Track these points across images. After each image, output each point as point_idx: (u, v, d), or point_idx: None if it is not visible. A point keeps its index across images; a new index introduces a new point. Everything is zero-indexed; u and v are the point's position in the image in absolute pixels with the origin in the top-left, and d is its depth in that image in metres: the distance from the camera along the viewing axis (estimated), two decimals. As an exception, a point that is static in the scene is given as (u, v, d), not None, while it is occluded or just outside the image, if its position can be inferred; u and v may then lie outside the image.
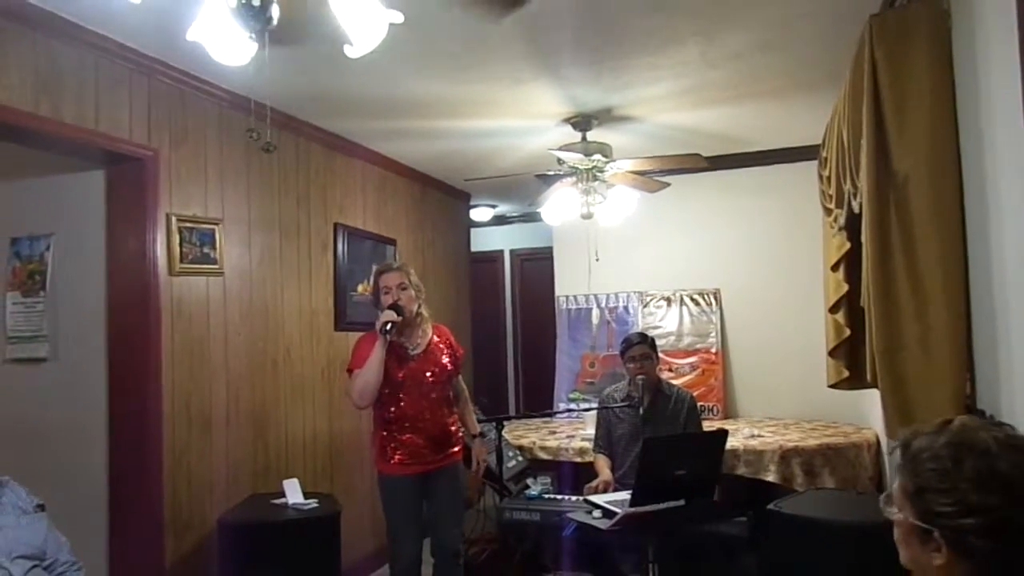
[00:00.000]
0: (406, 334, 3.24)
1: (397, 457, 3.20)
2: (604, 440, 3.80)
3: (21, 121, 2.69)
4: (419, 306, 3.28)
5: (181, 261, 3.33)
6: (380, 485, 3.28)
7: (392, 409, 3.20)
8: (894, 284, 2.25)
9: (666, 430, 3.62)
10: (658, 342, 4.03)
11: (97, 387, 3.21)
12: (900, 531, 1.14)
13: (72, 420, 3.25)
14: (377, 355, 3.07)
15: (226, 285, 3.61)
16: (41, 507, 2.23)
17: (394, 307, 3.13)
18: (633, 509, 2.66)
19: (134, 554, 3.14)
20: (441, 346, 3.35)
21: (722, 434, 3.06)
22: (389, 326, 3.05)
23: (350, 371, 3.22)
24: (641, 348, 3.69)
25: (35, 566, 2.11)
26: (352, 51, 1.68)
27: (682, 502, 2.71)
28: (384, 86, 3.60)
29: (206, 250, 3.47)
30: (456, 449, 3.36)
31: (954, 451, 1.06)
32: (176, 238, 3.31)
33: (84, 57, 2.92)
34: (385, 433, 3.23)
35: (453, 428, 3.35)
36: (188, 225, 3.38)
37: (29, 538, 2.12)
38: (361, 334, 3.40)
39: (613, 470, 3.69)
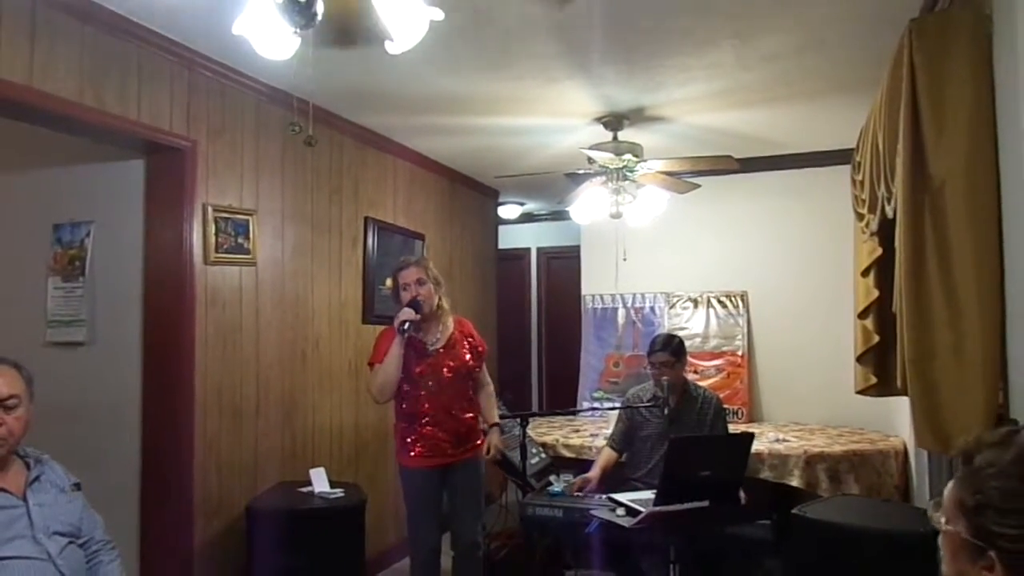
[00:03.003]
0: (425, 329, 3.26)
1: (417, 450, 3.23)
2: (620, 437, 3.77)
3: (66, 110, 2.76)
4: (439, 300, 3.29)
5: (216, 251, 3.39)
6: (401, 477, 3.33)
7: (412, 403, 3.23)
8: (927, 291, 2.22)
9: (692, 431, 3.61)
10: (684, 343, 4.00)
11: (132, 372, 3.29)
12: (949, 544, 1.09)
13: (107, 403, 3.32)
14: (395, 352, 3.10)
15: (259, 275, 3.68)
16: (77, 486, 2.28)
17: (413, 304, 3.14)
18: (657, 508, 2.67)
19: (165, 536, 3.21)
20: (462, 340, 3.37)
21: (748, 437, 3.05)
22: (407, 325, 3.07)
23: (371, 365, 3.26)
24: (663, 356, 3.60)
25: (70, 543, 2.15)
26: (393, 47, 1.71)
27: (706, 503, 2.71)
28: (417, 82, 3.64)
29: (240, 240, 3.53)
30: (477, 443, 3.39)
31: (1023, 469, 1.01)
32: (212, 228, 3.37)
33: (128, 49, 2.99)
34: (406, 426, 3.27)
35: (474, 422, 3.37)
36: (223, 215, 3.44)
37: (65, 516, 2.17)
38: (383, 327, 3.44)
39: (636, 469, 3.69)
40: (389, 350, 3.13)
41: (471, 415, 3.36)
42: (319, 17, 1.56)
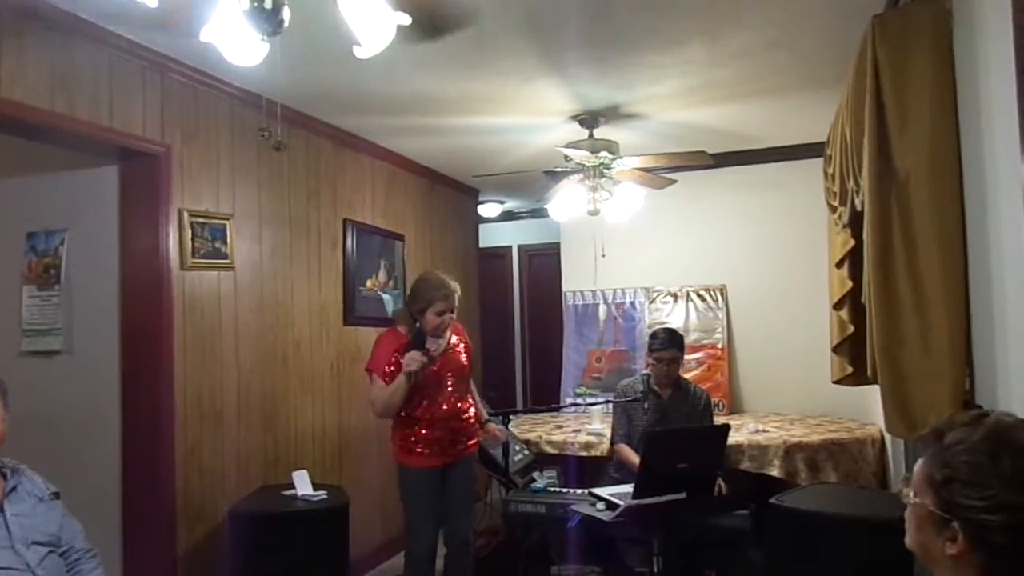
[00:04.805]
0: (430, 341, 3.31)
1: (419, 450, 3.28)
2: (625, 430, 3.83)
3: (37, 118, 2.75)
4: None
5: (193, 256, 3.38)
6: (401, 477, 3.35)
7: (415, 408, 3.27)
8: (894, 281, 2.27)
9: (684, 423, 3.69)
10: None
11: (110, 379, 3.27)
12: (915, 517, 1.14)
13: (86, 412, 3.31)
14: (401, 387, 3.14)
15: (237, 280, 3.67)
16: (56, 495, 2.27)
17: (418, 338, 3.14)
18: (635, 501, 2.70)
19: (147, 543, 3.21)
20: (459, 345, 3.42)
21: (724, 428, 3.09)
22: (417, 373, 3.11)
23: (369, 371, 3.28)
24: (673, 352, 3.75)
25: (50, 552, 2.15)
26: (361, 52, 1.72)
27: (683, 495, 2.74)
28: (393, 83, 3.64)
29: (217, 245, 3.53)
30: (473, 441, 3.44)
31: (991, 447, 1.05)
32: (188, 233, 3.36)
33: (99, 55, 2.97)
34: (408, 428, 3.30)
35: (471, 421, 3.42)
36: (200, 220, 3.43)
37: (45, 525, 2.16)
38: (382, 331, 3.50)
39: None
40: (397, 378, 3.15)
41: (470, 414, 3.41)
42: (286, 24, 1.57)
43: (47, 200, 3.44)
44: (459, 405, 3.35)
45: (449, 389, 3.30)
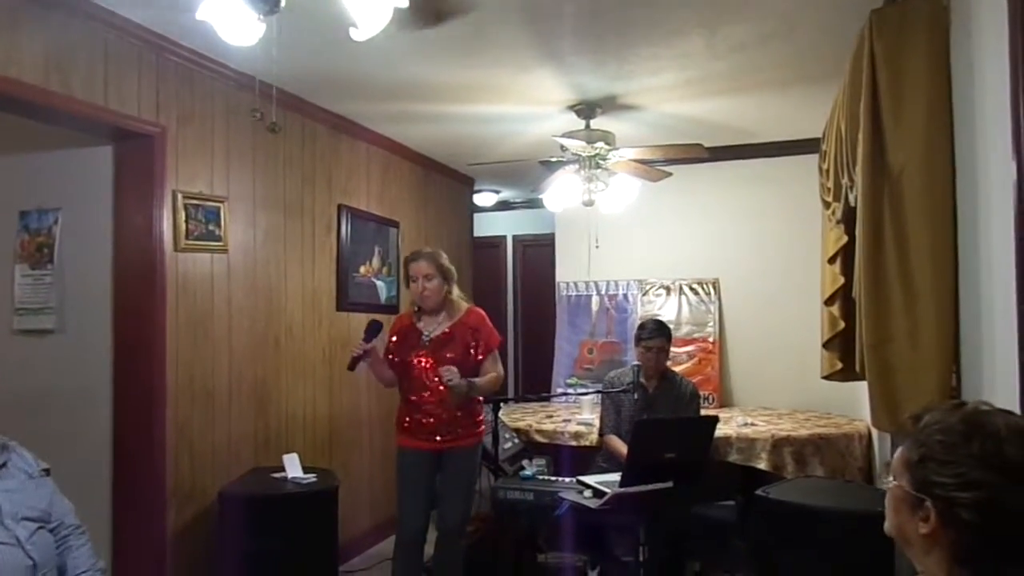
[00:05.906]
0: (424, 320, 3.32)
1: (410, 430, 3.32)
2: (613, 421, 3.85)
3: (32, 96, 2.73)
4: (447, 291, 3.36)
5: (186, 237, 3.37)
6: (396, 457, 3.41)
7: (406, 390, 3.34)
8: (885, 277, 2.29)
9: (670, 414, 3.71)
10: (669, 327, 4.09)
11: (102, 359, 3.27)
12: (892, 499, 1.17)
13: (77, 391, 3.31)
14: (371, 370, 3.34)
15: (230, 262, 3.66)
16: (47, 471, 2.27)
17: (371, 329, 3.25)
18: (622, 489, 2.72)
19: (137, 523, 3.22)
20: (464, 332, 3.36)
21: (712, 420, 3.11)
22: (357, 361, 3.24)
23: None
24: (660, 341, 3.81)
25: (40, 528, 2.16)
26: (357, 34, 1.72)
27: (670, 484, 2.76)
28: (390, 69, 3.63)
29: (211, 227, 3.52)
30: (478, 430, 3.43)
31: (966, 428, 1.09)
32: (182, 215, 3.35)
33: (94, 34, 2.95)
34: (401, 407, 3.38)
35: (466, 414, 3.34)
36: (194, 202, 3.42)
37: (34, 501, 2.17)
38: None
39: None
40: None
41: (462, 407, 3.33)
42: (283, 3, 1.56)
43: (41, 179, 3.43)
44: (451, 396, 3.27)
45: (433, 379, 3.28)
